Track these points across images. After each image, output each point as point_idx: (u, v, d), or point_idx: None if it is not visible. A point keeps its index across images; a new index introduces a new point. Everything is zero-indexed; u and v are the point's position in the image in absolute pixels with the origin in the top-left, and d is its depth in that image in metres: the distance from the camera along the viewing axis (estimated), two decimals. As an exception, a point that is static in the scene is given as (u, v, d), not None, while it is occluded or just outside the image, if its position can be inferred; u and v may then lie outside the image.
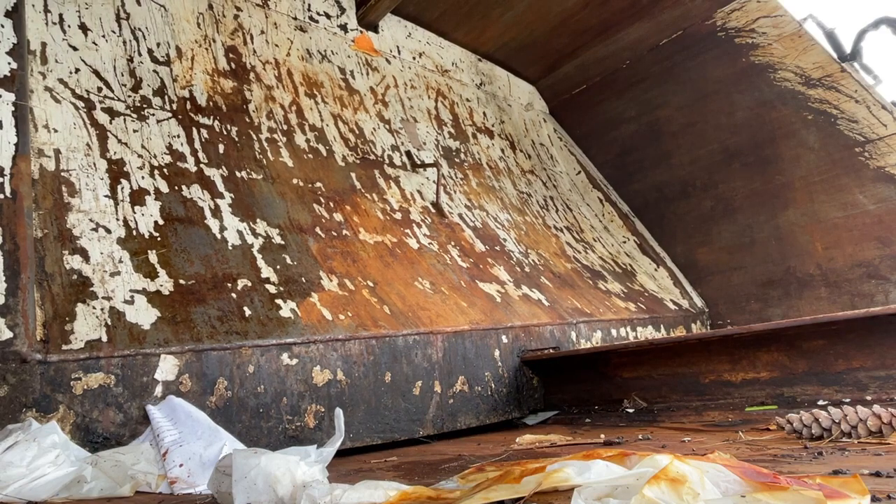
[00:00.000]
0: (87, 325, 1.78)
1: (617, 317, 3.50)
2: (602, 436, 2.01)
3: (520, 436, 2.16)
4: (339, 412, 1.46)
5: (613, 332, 3.43)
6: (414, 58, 4.19)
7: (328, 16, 3.76)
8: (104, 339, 1.77)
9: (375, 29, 3.98)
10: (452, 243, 3.29)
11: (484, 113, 4.52)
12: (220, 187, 2.55)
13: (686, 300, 4.19)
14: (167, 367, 1.83)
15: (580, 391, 2.87)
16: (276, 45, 3.38)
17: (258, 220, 2.54)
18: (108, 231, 2.08)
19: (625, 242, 4.56)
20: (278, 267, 2.39)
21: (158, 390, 1.80)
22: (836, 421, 1.52)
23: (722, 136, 3.96)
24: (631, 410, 2.57)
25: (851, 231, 3.35)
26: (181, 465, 1.66)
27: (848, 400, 2.02)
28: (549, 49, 4.35)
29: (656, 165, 4.37)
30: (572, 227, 4.37)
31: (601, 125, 4.69)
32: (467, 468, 1.27)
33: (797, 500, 0.80)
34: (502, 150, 4.44)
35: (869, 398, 1.99)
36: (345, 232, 2.83)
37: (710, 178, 4.05)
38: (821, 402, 2.06)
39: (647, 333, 3.63)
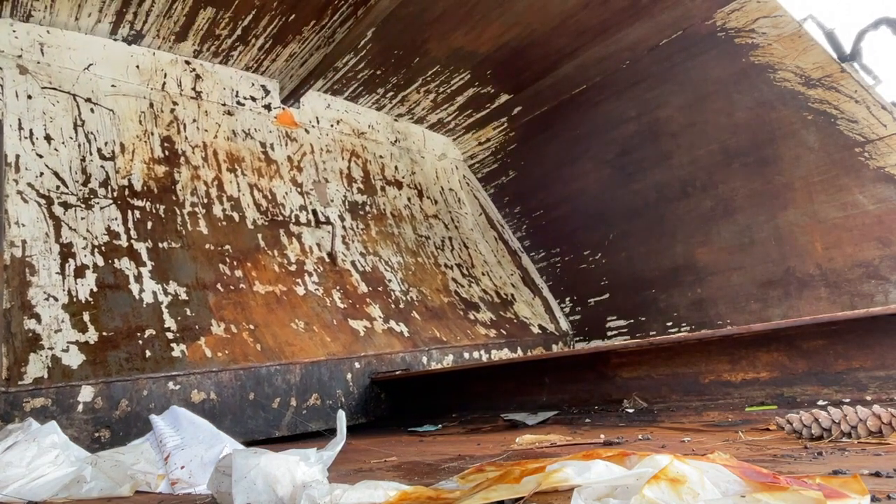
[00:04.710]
0: (35, 368, 2.51)
1: (472, 342, 4.22)
2: (602, 436, 2.01)
3: (519, 436, 2.16)
4: (341, 414, 1.45)
5: (466, 355, 4.14)
6: (332, 125, 4.69)
7: (254, 98, 4.28)
8: (46, 376, 2.50)
9: (298, 104, 4.47)
10: (338, 287, 3.89)
11: (396, 166, 5.07)
12: (145, 257, 3.17)
13: (553, 324, 4.95)
14: (86, 393, 2.57)
15: (580, 391, 2.88)
16: (206, 130, 3.92)
17: (171, 282, 3.16)
18: (56, 299, 2.75)
19: (512, 275, 5.21)
20: (179, 318, 3.04)
21: (80, 408, 2.55)
22: (836, 421, 1.52)
23: (722, 137, 3.96)
24: (631, 410, 2.57)
25: (851, 231, 3.35)
26: (182, 468, 1.66)
27: (848, 400, 2.02)
28: (549, 49, 4.34)
29: (656, 165, 4.37)
30: (464, 264, 4.99)
31: (601, 125, 4.68)
32: (467, 468, 1.27)
33: (797, 500, 0.80)
34: (409, 199, 5.01)
35: (869, 398, 1.99)
36: (241, 285, 3.43)
37: (710, 179, 4.05)
38: (821, 402, 2.06)
39: (502, 354, 4.35)
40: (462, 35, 4.15)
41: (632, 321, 4.55)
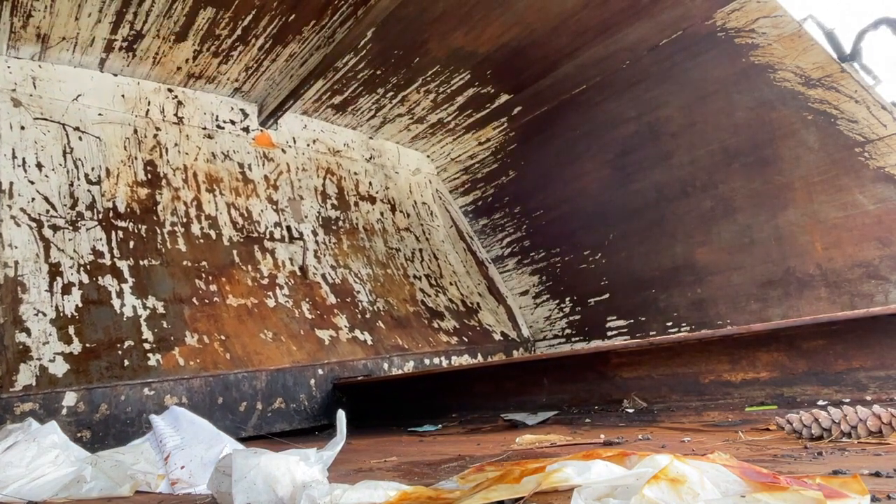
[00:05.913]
0: (24, 376, 2.75)
1: (432, 349, 4.43)
2: (602, 436, 2.01)
3: (520, 436, 2.16)
4: (341, 413, 1.45)
5: (427, 361, 4.37)
6: (308, 144, 4.87)
7: (233, 122, 4.48)
8: (34, 384, 2.75)
9: (276, 125, 4.65)
10: (307, 299, 4.08)
11: (370, 182, 5.25)
12: (126, 274, 3.38)
13: (515, 331, 5.21)
14: (69, 398, 2.81)
15: (580, 391, 2.88)
16: (187, 153, 4.11)
17: (150, 296, 3.37)
18: (45, 315, 2.97)
19: (479, 284, 5.44)
20: (156, 330, 3.26)
21: (64, 411, 2.78)
22: (836, 421, 1.52)
23: (722, 137, 3.96)
24: (631, 410, 2.57)
25: (851, 231, 3.35)
26: (182, 468, 1.66)
27: (848, 400, 2.02)
28: (549, 49, 4.34)
29: (656, 166, 4.37)
30: (432, 275, 5.16)
31: (600, 125, 4.68)
32: (467, 468, 1.27)
33: (797, 500, 0.80)
34: (382, 213, 5.18)
35: (869, 398, 1.99)
36: (215, 299, 3.63)
37: (710, 179, 4.05)
38: (821, 402, 2.06)
39: (462, 360, 4.55)
40: (462, 35, 4.15)
41: (632, 321, 4.55)
